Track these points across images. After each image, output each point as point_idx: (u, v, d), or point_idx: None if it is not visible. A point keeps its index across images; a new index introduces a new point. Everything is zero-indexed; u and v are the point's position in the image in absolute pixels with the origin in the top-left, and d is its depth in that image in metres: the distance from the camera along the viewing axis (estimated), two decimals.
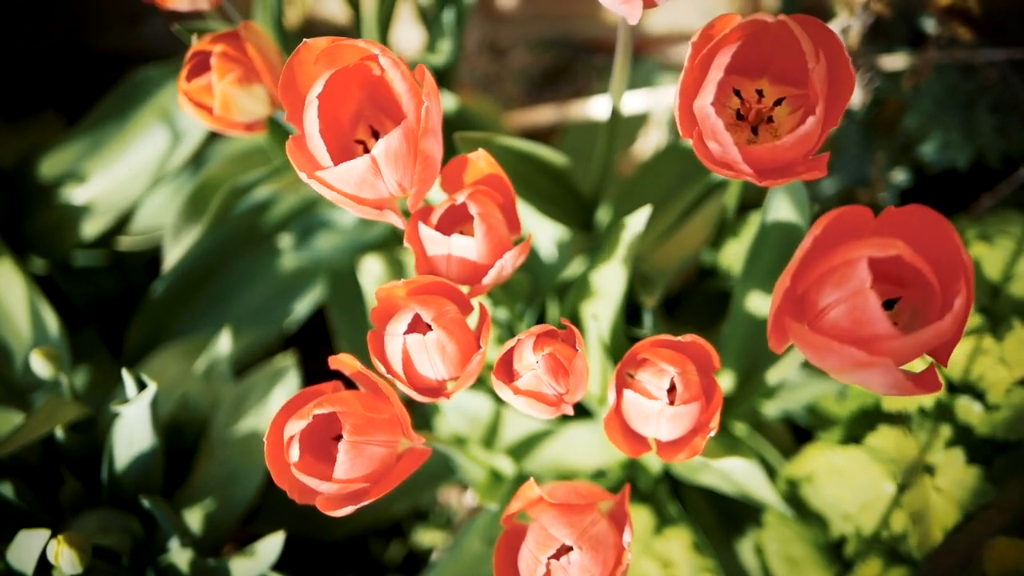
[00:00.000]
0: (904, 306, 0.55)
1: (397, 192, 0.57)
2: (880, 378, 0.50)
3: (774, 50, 0.57)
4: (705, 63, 0.55)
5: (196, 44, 0.73)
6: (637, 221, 0.70)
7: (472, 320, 0.61)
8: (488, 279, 0.60)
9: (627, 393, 0.59)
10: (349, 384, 0.62)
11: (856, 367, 0.49)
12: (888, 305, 0.56)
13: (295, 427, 0.56)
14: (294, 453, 0.56)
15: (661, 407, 0.58)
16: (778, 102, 0.59)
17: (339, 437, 0.57)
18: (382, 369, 0.58)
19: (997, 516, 0.73)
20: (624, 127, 1.09)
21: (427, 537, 1.04)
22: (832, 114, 0.54)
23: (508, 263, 0.61)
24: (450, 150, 0.83)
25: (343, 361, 0.59)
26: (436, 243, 0.60)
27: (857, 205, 0.52)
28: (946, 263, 0.51)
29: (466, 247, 0.60)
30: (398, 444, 0.59)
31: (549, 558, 0.58)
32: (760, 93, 0.59)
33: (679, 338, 0.59)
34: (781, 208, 0.69)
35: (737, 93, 0.59)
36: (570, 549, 0.58)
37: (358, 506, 0.57)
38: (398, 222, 0.58)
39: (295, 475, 0.57)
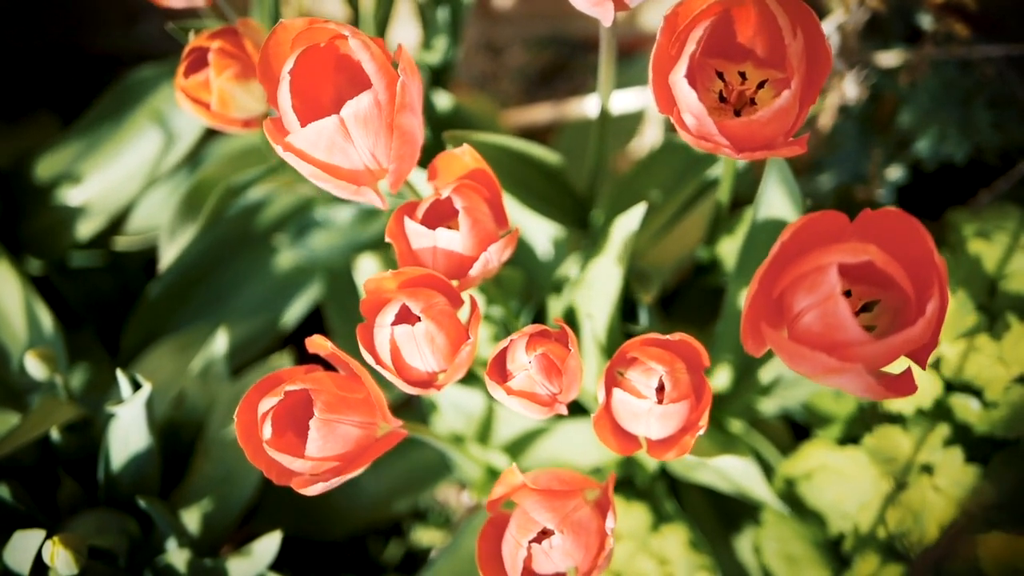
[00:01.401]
0: (884, 308, 0.56)
1: (371, 163, 0.57)
2: (853, 383, 0.50)
3: (756, 32, 0.57)
4: (681, 40, 0.55)
5: (194, 40, 0.73)
6: (631, 219, 0.70)
7: (463, 313, 0.61)
8: (474, 272, 0.60)
9: (616, 392, 0.59)
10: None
11: (828, 372, 0.50)
12: (868, 307, 0.56)
13: (267, 404, 0.57)
14: (267, 430, 0.57)
15: (650, 406, 0.58)
16: (761, 85, 0.59)
17: None
18: (371, 361, 0.58)
19: (981, 510, 0.73)
20: (621, 125, 1.09)
21: (426, 536, 1.04)
22: (810, 91, 0.55)
23: (494, 256, 0.61)
24: (443, 149, 0.83)
25: (317, 343, 0.59)
26: (421, 237, 0.60)
27: (831, 211, 0.53)
28: (920, 267, 0.51)
29: (452, 241, 0.60)
30: (376, 427, 0.59)
31: (530, 541, 0.58)
32: (743, 76, 0.59)
33: (668, 336, 0.59)
34: (774, 203, 0.69)
35: (720, 76, 0.59)
36: (552, 533, 0.58)
37: (330, 483, 0.57)
38: (377, 201, 0.58)
39: (268, 453, 0.57)
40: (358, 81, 0.57)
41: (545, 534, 0.59)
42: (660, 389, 0.59)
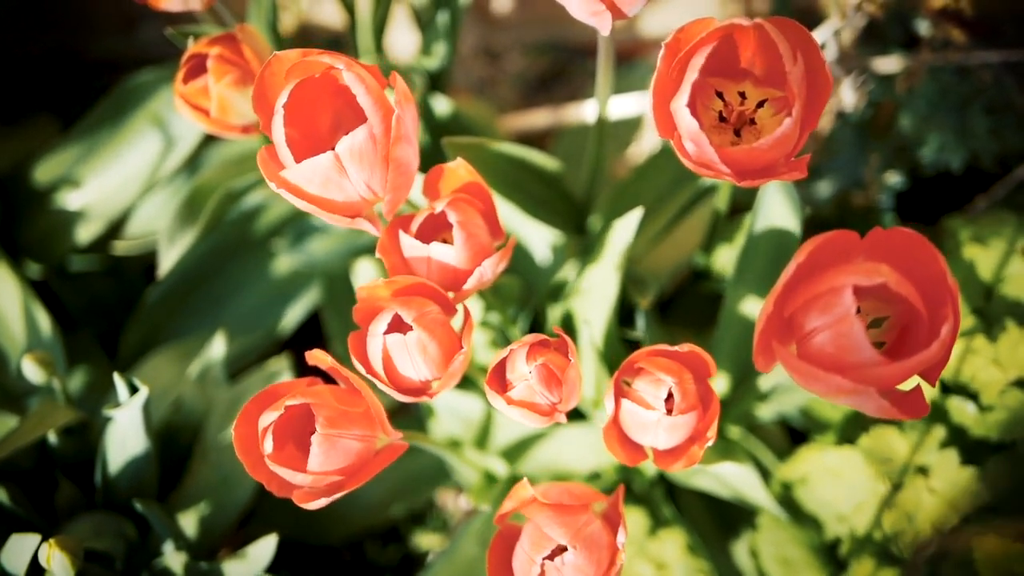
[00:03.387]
0: (893, 324, 0.56)
1: (367, 194, 0.57)
2: (865, 403, 0.50)
3: (756, 53, 0.58)
4: (682, 65, 0.55)
5: (193, 47, 0.73)
6: (628, 224, 0.70)
7: (456, 322, 0.61)
8: (469, 285, 0.61)
9: (624, 403, 0.59)
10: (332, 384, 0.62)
11: (841, 393, 0.50)
12: (877, 323, 0.56)
13: (268, 419, 0.57)
14: (268, 444, 0.57)
15: (659, 417, 0.58)
16: (760, 104, 0.59)
17: None
18: (363, 370, 0.59)
19: (977, 513, 0.73)
20: (619, 130, 1.09)
21: (424, 540, 1.04)
22: (810, 116, 0.55)
23: (488, 269, 0.61)
24: (440, 154, 0.84)
25: (318, 356, 0.59)
26: (416, 251, 0.61)
27: (843, 230, 0.53)
28: (932, 286, 0.51)
29: (446, 255, 0.60)
30: (375, 440, 0.59)
31: (544, 558, 0.58)
32: (743, 96, 0.59)
33: (676, 347, 0.59)
34: (772, 211, 0.69)
35: (720, 96, 0.59)
36: (564, 549, 0.58)
37: (331, 498, 0.57)
38: (372, 229, 0.58)
39: (270, 467, 0.57)
40: (356, 105, 0.57)
41: (558, 550, 0.59)
42: (668, 400, 0.59)
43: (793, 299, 0.52)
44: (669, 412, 0.59)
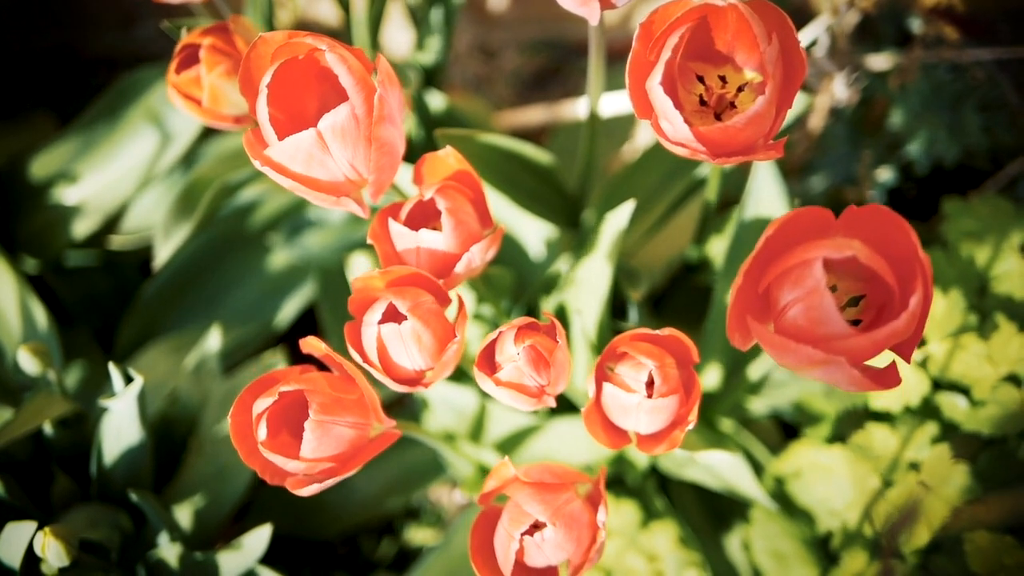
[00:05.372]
0: (870, 303, 0.56)
1: (351, 174, 0.57)
2: (837, 375, 0.51)
3: (735, 37, 0.58)
4: (658, 46, 0.56)
5: (185, 37, 0.73)
6: (621, 216, 0.71)
7: (451, 312, 0.61)
8: (458, 270, 0.61)
9: (606, 386, 0.60)
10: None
11: (813, 364, 0.50)
12: (855, 302, 0.56)
13: (262, 405, 0.57)
14: (262, 431, 0.57)
15: (639, 400, 0.59)
16: (741, 89, 0.59)
17: None
18: (359, 359, 0.59)
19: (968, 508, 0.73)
20: (614, 128, 1.10)
21: (418, 535, 1.05)
22: (785, 96, 0.55)
23: (477, 255, 0.61)
24: (434, 149, 0.84)
25: (312, 344, 0.59)
26: (405, 238, 0.61)
27: (816, 207, 0.53)
28: (905, 263, 0.52)
29: (435, 241, 0.61)
30: (369, 428, 0.59)
31: (522, 534, 0.59)
32: (723, 80, 0.59)
33: (657, 332, 0.59)
34: (762, 202, 0.69)
35: (701, 80, 0.60)
36: (544, 526, 0.59)
37: (324, 484, 0.57)
38: (357, 210, 0.59)
39: (263, 454, 0.57)
40: (341, 89, 0.57)
41: (537, 527, 0.59)
42: (650, 384, 0.59)
43: (766, 274, 0.53)
44: (650, 396, 0.59)
